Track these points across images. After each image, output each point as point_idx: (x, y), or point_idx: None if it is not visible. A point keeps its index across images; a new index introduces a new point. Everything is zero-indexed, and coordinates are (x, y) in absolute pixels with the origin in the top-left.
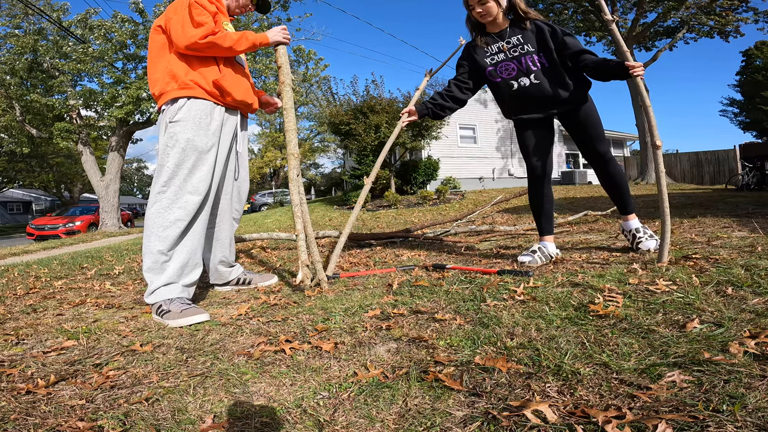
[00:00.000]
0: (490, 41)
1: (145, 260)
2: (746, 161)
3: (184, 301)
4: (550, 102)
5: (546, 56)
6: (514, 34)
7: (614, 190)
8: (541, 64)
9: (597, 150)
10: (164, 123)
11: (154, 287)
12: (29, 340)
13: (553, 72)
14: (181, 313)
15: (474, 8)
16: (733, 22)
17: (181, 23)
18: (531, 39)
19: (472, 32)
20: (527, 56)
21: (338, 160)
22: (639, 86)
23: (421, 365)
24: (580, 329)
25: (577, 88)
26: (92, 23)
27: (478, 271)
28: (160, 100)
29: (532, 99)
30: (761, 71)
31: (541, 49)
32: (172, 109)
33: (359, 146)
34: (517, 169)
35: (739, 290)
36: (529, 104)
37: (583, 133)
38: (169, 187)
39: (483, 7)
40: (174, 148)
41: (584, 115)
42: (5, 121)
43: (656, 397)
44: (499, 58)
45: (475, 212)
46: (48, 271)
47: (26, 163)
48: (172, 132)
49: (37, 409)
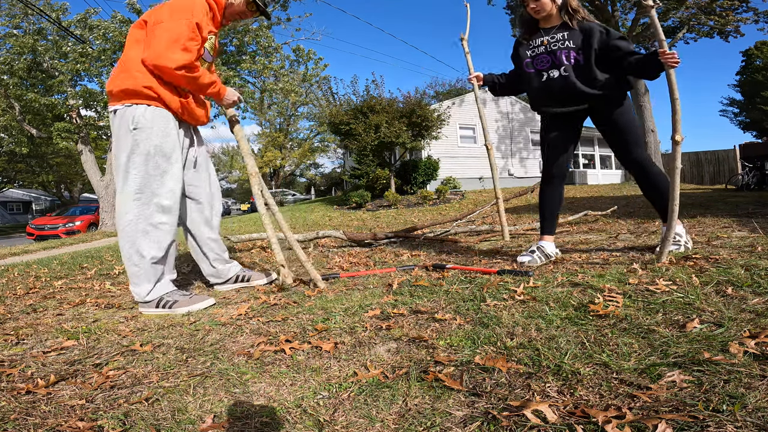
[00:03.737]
0: (536, 35)
1: (133, 264)
2: (746, 161)
3: (183, 292)
4: (572, 97)
5: (584, 55)
6: (561, 30)
7: (657, 197)
8: (575, 60)
9: (631, 155)
10: (124, 128)
11: (150, 287)
12: (29, 340)
13: (584, 70)
14: (191, 299)
15: (528, 4)
16: (733, 22)
17: (168, 39)
18: (576, 37)
19: (521, 27)
20: (564, 51)
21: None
22: (670, 77)
23: (421, 365)
24: (580, 329)
25: (609, 89)
26: (92, 23)
27: (478, 271)
28: (117, 99)
29: (554, 91)
30: (761, 71)
31: (582, 48)
32: (136, 115)
33: (359, 146)
34: (517, 169)
35: (739, 290)
36: (552, 97)
37: (617, 137)
38: (144, 193)
39: (537, 3)
40: (142, 155)
41: (617, 117)
42: (5, 120)
43: (656, 397)
44: (539, 51)
45: (475, 212)
46: (48, 271)
47: (26, 163)
48: (137, 139)
49: (37, 409)
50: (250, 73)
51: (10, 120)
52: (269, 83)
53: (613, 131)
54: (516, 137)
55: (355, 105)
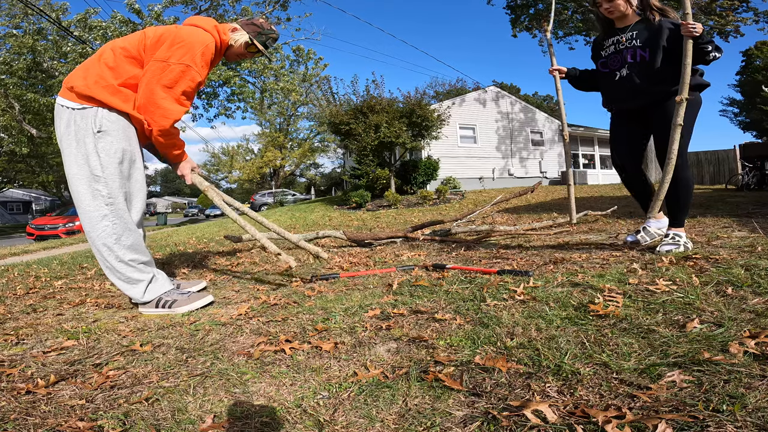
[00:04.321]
0: (611, 35)
1: (117, 272)
2: (746, 161)
3: (181, 291)
4: (637, 95)
5: (650, 52)
6: (633, 29)
7: (673, 197)
8: (641, 57)
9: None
10: (87, 129)
11: (143, 287)
12: (29, 340)
13: (649, 67)
14: (189, 298)
15: (601, 4)
16: (733, 22)
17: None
18: (644, 35)
19: (599, 27)
20: (630, 50)
21: (338, 160)
22: (685, 45)
23: (421, 365)
24: (580, 329)
25: (673, 85)
26: (91, 23)
27: (478, 271)
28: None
29: (623, 90)
30: (761, 71)
31: (648, 45)
32: (99, 117)
33: (359, 146)
34: (517, 169)
35: (739, 290)
36: (621, 95)
37: (663, 130)
38: (116, 198)
39: (610, 4)
40: (112, 157)
41: (672, 113)
42: (5, 120)
43: (656, 397)
44: (610, 50)
45: (475, 212)
46: (48, 271)
47: (26, 163)
48: (105, 142)
49: (37, 409)
50: (250, 73)
51: (10, 120)
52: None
53: (664, 124)
54: (516, 137)
55: (355, 105)
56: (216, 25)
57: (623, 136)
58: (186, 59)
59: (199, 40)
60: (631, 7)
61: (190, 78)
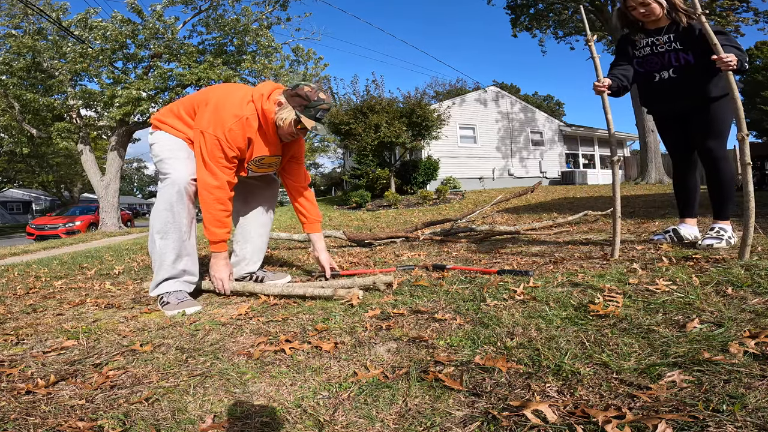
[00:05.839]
0: (644, 36)
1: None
2: None
3: (183, 294)
4: (681, 97)
5: (693, 54)
6: (668, 32)
7: (715, 191)
8: (685, 60)
9: (706, 144)
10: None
11: (156, 282)
12: (29, 340)
13: (695, 70)
14: (178, 304)
15: (636, 8)
16: (733, 23)
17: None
18: (682, 37)
19: (623, 29)
20: (672, 53)
21: (338, 160)
22: (729, 79)
23: (421, 365)
24: (580, 329)
25: (715, 88)
26: (92, 23)
27: (478, 271)
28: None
29: (665, 92)
30: (761, 71)
31: (689, 47)
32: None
33: (359, 146)
34: (517, 169)
35: (739, 290)
36: (662, 97)
37: (701, 125)
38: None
39: (647, 9)
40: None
41: (712, 112)
42: (5, 120)
43: (656, 397)
44: (646, 52)
45: (475, 212)
46: (48, 271)
47: (26, 163)
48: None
49: (37, 409)
50: (250, 73)
51: (10, 120)
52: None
53: (702, 121)
54: (516, 137)
55: (355, 105)
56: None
57: (674, 135)
58: (216, 127)
59: (233, 113)
60: (663, 10)
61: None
